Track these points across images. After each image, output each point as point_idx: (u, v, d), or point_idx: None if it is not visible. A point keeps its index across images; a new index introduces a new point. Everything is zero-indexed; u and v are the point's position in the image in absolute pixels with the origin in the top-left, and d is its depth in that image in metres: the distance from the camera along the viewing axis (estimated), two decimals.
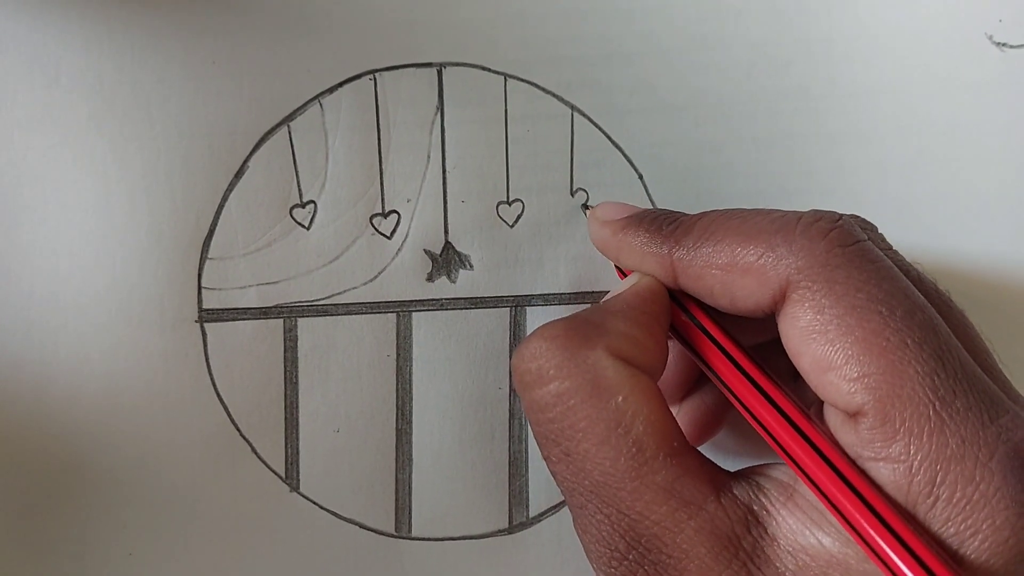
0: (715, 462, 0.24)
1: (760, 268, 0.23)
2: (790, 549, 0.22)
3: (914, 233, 0.30)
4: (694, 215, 0.25)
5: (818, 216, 0.23)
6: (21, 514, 0.29)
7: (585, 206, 0.29)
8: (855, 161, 0.30)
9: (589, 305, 0.30)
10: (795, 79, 0.30)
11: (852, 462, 0.21)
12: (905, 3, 0.30)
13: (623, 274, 0.27)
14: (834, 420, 0.22)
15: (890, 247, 0.25)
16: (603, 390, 0.22)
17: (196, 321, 0.29)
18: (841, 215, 0.23)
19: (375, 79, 0.29)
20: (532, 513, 0.30)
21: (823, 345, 0.21)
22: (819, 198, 0.30)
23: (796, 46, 0.30)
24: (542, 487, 0.30)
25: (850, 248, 0.22)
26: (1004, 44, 0.30)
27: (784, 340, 0.23)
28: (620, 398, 0.22)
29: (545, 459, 0.24)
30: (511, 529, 0.30)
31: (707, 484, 0.23)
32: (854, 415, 0.21)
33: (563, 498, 0.30)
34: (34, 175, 0.28)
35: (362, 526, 0.30)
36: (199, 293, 0.29)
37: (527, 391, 0.23)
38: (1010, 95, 0.30)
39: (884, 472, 0.21)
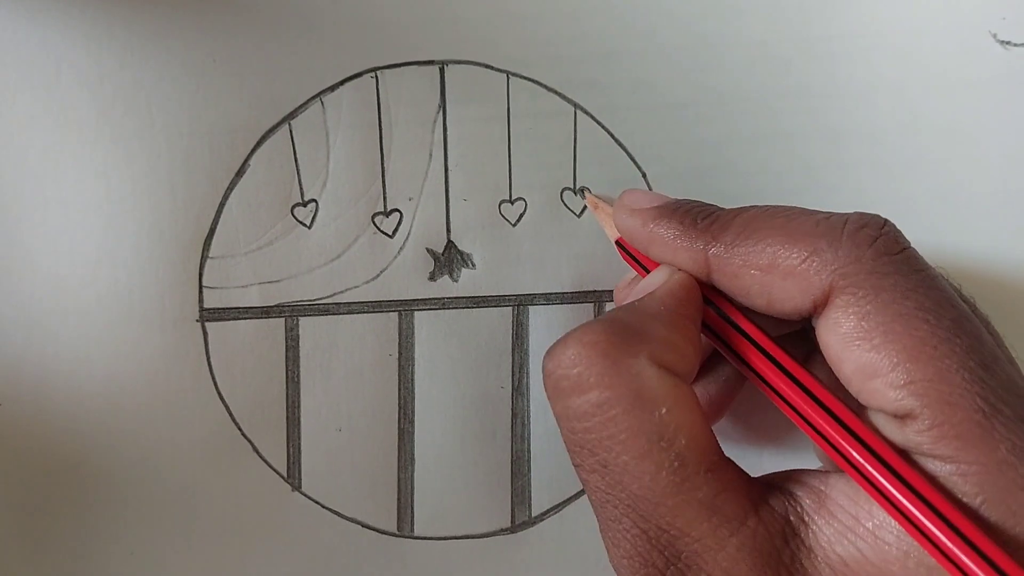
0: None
1: (803, 272, 0.22)
2: (827, 560, 0.21)
3: (915, 231, 0.30)
4: (732, 210, 0.24)
5: (864, 221, 0.22)
6: (21, 514, 0.29)
7: (583, 190, 0.29)
8: (856, 159, 0.30)
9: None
10: (796, 77, 0.30)
11: (908, 458, 0.21)
12: (907, 0, 0.30)
13: (645, 271, 0.26)
14: (879, 422, 0.22)
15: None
16: (647, 401, 0.22)
17: (197, 320, 0.29)
18: (886, 220, 0.23)
19: (377, 77, 0.29)
20: (534, 512, 0.30)
21: (868, 352, 0.21)
22: (820, 196, 0.30)
23: (797, 44, 0.30)
24: (544, 486, 0.30)
25: (897, 256, 0.22)
26: (1008, 42, 0.30)
27: (823, 345, 0.22)
28: (664, 410, 0.22)
29: (576, 467, 0.23)
30: (513, 528, 0.30)
31: (746, 498, 0.22)
32: (902, 418, 0.21)
33: (565, 497, 0.30)
34: (34, 175, 0.28)
35: (364, 525, 0.30)
36: (200, 292, 0.29)
37: (563, 398, 0.22)
38: (1013, 93, 0.30)
39: (933, 467, 0.20)
